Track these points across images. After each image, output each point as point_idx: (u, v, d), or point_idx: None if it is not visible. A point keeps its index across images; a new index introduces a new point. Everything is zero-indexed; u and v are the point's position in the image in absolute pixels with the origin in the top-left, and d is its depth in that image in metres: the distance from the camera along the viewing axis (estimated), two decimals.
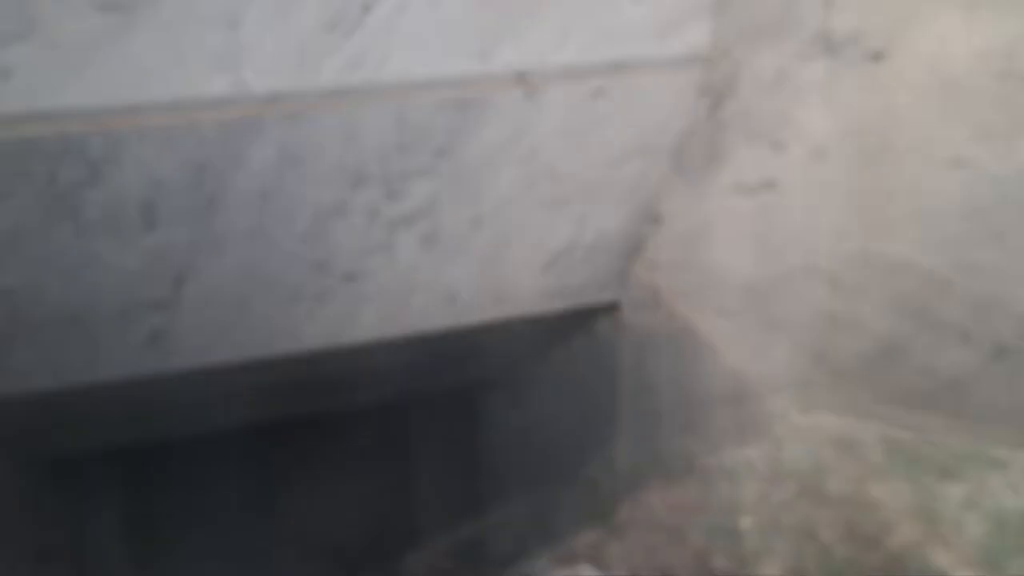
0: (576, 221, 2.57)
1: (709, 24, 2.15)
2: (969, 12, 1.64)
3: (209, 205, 2.03)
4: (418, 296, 2.57)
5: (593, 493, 3.09)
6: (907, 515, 1.85)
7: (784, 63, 2.04)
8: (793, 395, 2.17)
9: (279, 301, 2.36)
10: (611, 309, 3.02)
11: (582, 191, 2.48)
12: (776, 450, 2.21)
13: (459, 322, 2.71)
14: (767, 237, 2.17)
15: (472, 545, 3.38)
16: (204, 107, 1.85)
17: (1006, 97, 1.61)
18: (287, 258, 2.25)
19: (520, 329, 2.94)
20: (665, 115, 2.36)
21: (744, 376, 2.32)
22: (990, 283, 1.70)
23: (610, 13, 2.08)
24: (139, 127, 1.83)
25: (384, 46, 1.92)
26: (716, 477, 2.41)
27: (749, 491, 2.26)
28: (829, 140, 1.96)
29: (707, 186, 2.37)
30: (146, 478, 3.37)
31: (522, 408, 3.98)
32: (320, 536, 3.71)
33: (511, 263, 2.61)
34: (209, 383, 2.58)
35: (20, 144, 1.77)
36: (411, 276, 2.49)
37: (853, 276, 1.93)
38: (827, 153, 1.97)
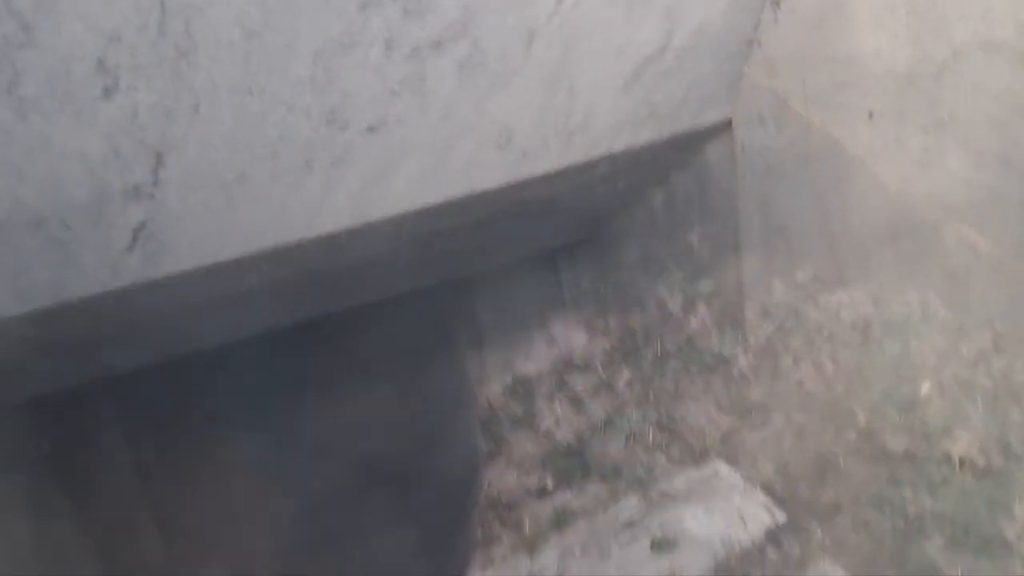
0: (663, 15, 2.48)
1: None
2: None
3: (179, 55, 1.98)
4: (463, 143, 2.54)
5: (719, 372, 3.12)
6: None
7: None
8: (976, 217, 2.13)
9: (286, 172, 2.34)
10: (721, 131, 2.98)
11: None
12: (961, 291, 2.19)
13: (520, 173, 2.69)
14: (927, 6, 2.09)
15: (573, 449, 3.47)
16: None
17: None
18: (289, 114, 2.22)
19: (602, 172, 2.90)
20: None
21: (908, 198, 2.28)
22: None
23: None
24: None
25: None
26: (881, 333, 2.41)
27: (928, 347, 2.25)
28: None
29: None
30: (146, 402, 3.55)
31: (612, 274, 4.01)
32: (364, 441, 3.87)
33: (581, 84, 2.54)
34: (209, 288, 2.60)
35: None
36: (451, 118, 2.44)
37: None
38: None
